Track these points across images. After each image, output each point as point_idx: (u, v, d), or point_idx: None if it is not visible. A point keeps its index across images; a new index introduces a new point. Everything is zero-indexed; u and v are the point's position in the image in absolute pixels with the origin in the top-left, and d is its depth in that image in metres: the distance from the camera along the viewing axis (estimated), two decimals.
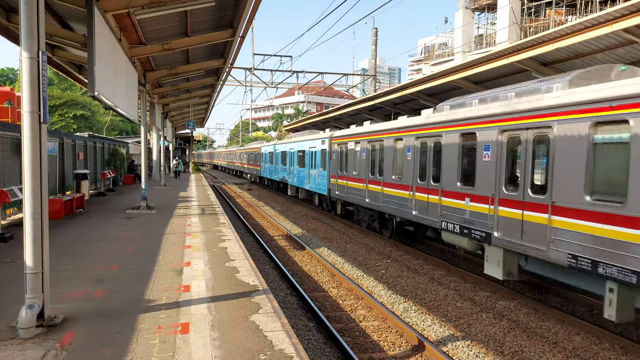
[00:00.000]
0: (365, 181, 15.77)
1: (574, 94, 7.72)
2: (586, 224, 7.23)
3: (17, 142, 11.24)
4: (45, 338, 4.47)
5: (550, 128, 8.07)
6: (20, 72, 4.68)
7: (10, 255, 7.85)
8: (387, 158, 14.26)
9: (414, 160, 12.57)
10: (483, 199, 9.66)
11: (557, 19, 28.89)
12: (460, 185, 10.55)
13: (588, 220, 7.19)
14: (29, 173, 4.57)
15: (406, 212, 13.00)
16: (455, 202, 10.62)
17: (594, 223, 7.10)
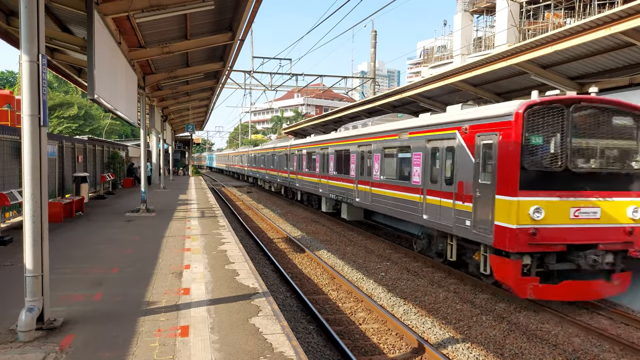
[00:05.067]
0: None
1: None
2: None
3: (17, 146, 11.24)
4: (45, 341, 4.46)
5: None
6: (20, 76, 4.69)
7: (10, 258, 7.84)
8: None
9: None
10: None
11: (556, 21, 28.96)
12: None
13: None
14: (28, 176, 4.57)
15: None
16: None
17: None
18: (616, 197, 8.91)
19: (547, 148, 8.75)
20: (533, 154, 8.62)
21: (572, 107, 8.77)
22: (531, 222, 8.46)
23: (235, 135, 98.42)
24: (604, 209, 8.81)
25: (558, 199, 8.62)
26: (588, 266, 8.57)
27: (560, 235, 8.61)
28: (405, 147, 13.03)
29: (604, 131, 8.96)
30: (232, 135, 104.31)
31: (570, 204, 8.66)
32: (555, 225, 8.59)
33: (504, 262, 8.83)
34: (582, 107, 8.89)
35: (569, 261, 8.78)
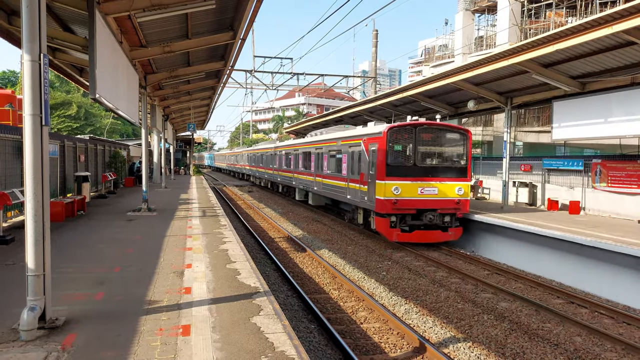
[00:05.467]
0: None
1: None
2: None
3: (18, 145, 11.26)
4: (47, 340, 4.47)
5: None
6: (22, 75, 4.69)
7: (12, 257, 7.85)
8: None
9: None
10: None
11: (558, 20, 28.90)
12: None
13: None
14: (30, 175, 4.57)
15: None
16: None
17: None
18: (448, 181, 14.34)
19: (403, 152, 14.29)
20: (394, 155, 14.19)
21: (418, 129, 14.34)
22: (393, 195, 13.90)
23: (237, 134, 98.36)
24: (440, 188, 14.24)
25: (410, 182, 14.05)
26: (429, 222, 14.08)
27: (412, 203, 14.06)
28: (339, 150, 18.37)
29: (439, 142, 14.62)
30: (233, 134, 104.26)
31: (418, 185, 14.13)
32: (408, 197, 14.01)
33: (381, 220, 14.31)
34: (424, 129, 14.43)
35: (418, 219, 14.22)
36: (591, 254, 10.87)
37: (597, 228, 12.44)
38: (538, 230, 12.25)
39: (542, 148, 19.27)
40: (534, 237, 12.44)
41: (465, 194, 14.47)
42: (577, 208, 15.74)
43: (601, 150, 16.74)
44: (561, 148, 17.96)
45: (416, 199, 14.08)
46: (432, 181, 14.23)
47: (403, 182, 13.99)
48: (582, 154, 16.96)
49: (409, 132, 14.38)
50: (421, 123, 14.54)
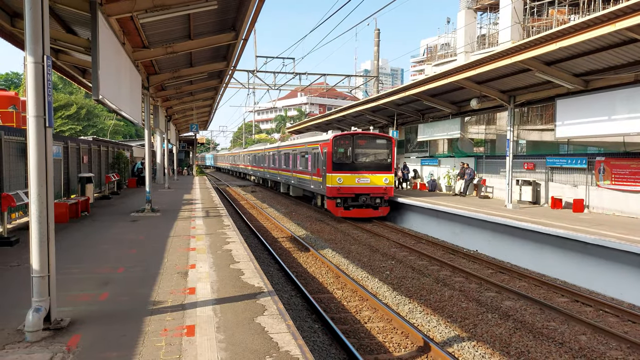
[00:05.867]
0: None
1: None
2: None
3: (22, 147, 11.29)
4: (52, 341, 4.48)
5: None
6: (26, 77, 4.69)
7: (17, 259, 7.88)
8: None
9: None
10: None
11: (560, 18, 28.81)
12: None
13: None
14: (34, 177, 4.58)
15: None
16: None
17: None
18: (377, 174, 19.43)
19: (344, 153, 19.57)
20: (338, 156, 19.40)
21: (355, 136, 19.68)
22: (338, 184, 19.05)
23: (239, 134, 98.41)
24: (371, 179, 19.36)
25: (349, 174, 19.21)
26: (364, 202, 19.33)
27: (351, 190, 19.20)
28: (306, 152, 23.01)
29: (370, 146, 19.87)
30: (235, 134, 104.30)
31: (355, 176, 19.25)
32: (349, 185, 19.15)
33: (330, 202, 19.63)
34: (359, 136, 19.87)
35: (356, 201, 19.40)
36: (596, 252, 10.84)
37: (601, 226, 12.40)
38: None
39: (545, 146, 19.20)
40: (537, 235, 12.41)
41: (390, 182, 19.67)
42: (581, 206, 15.70)
43: (605, 148, 16.66)
44: (564, 146, 17.90)
45: (354, 186, 19.34)
46: (365, 174, 19.45)
47: (345, 174, 19.29)
48: (586, 152, 16.88)
49: (348, 139, 19.71)
50: (357, 132, 20.38)
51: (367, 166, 19.54)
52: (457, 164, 22.86)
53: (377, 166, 19.58)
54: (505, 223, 13.57)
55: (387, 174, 19.60)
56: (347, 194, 19.26)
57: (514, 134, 17.03)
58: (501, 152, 20.07)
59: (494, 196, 20.59)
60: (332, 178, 19.15)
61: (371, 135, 20.53)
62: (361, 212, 19.48)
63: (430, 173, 25.58)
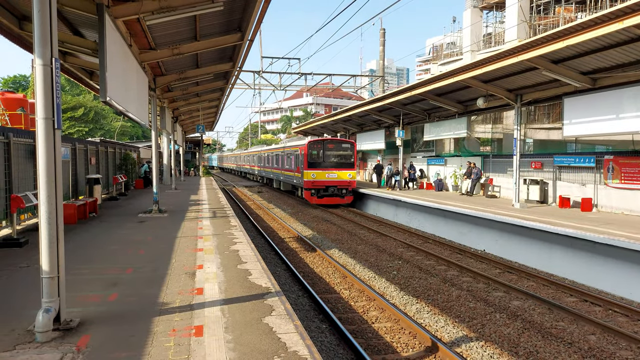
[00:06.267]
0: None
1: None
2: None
3: (31, 149, 11.38)
4: (62, 341, 4.51)
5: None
6: (34, 79, 4.73)
7: (26, 260, 7.94)
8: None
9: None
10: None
11: (567, 16, 28.62)
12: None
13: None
14: (44, 178, 4.61)
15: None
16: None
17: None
18: (342, 170, 24.25)
19: (317, 154, 24.50)
20: (312, 157, 24.36)
21: (325, 142, 25.04)
22: (312, 178, 24.03)
23: (245, 135, 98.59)
24: (338, 174, 24.20)
25: (321, 171, 24.09)
26: (332, 193, 24.28)
27: (322, 183, 24.09)
28: (291, 153, 28.20)
29: (337, 149, 24.76)
30: (241, 135, 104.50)
31: (325, 172, 24.12)
32: (320, 179, 24.03)
33: (306, 192, 24.36)
34: (329, 141, 25.25)
35: (327, 191, 24.26)
36: (604, 252, 10.77)
37: (610, 225, 12.31)
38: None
39: (552, 145, 19.09)
40: (546, 234, 12.35)
41: (353, 177, 24.79)
42: (590, 205, 15.59)
43: (613, 147, 16.53)
44: (572, 145, 17.78)
45: (325, 180, 24.49)
46: (333, 170, 24.56)
47: (317, 171, 24.43)
48: (594, 151, 16.75)
49: (320, 144, 25.14)
50: (327, 139, 26.81)
51: (335, 164, 24.71)
52: (463, 164, 22.77)
53: (343, 164, 24.79)
54: (513, 222, 13.50)
55: (351, 170, 24.70)
56: (319, 186, 24.54)
57: (521, 132, 16.94)
58: (508, 151, 19.97)
59: (501, 195, 20.49)
60: (307, 174, 24.44)
61: (338, 141, 25.95)
62: (330, 200, 24.73)
63: (437, 172, 25.51)
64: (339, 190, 24.62)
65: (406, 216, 20.29)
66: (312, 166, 24.44)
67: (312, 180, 24.31)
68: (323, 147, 24.79)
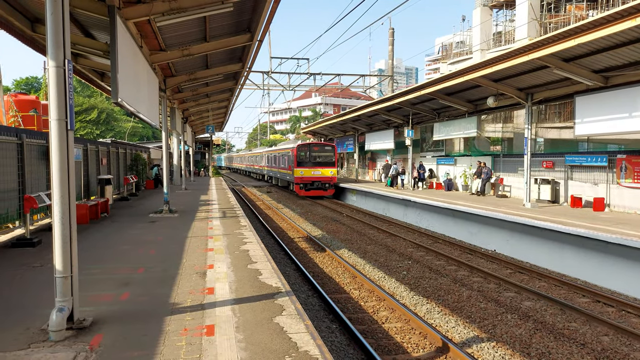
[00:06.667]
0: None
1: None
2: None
3: (43, 149, 11.50)
4: (75, 340, 4.55)
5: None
6: (48, 81, 4.77)
7: (39, 259, 8.03)
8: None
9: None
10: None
11: (578, 14, 28.35)
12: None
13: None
14: (57, 179, 4.66)
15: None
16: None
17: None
18: (325, 168, 29.75)
19: (304, 155, 29.70)
20: (300, 157, 29.57)
21: (310, 145, 30.65)
22: (300, 175, 29.44)
23: (254, 135, 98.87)
24: (321, 171, 29.68)
25: (308, 169, 29.48)
26: (317, 187, 29.67)
27: (309, 178, 29.49)
28: (284, 154, 33.32)
29: (321, 151, 30.07)
30: (251, 135, 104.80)
31: (311, 170, 29.55)
32: (307, 176, 29.44)
33: (296, 186, 29.76)
34: (314, 145, 30.83)
35: (312, 185, 29.68)
36: (617, 252, 10.65)
37: (622, 225, 12.17)
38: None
39: (564, 144, 18.91)
40: (557, 234, 12.24)
41: (334, 173, 29.93)
42: (602, 205, 15.42)
43: (625, 146, 16.33)
44: (584, 144, 17.59)
45: (311, 176, 29.63)
46: (318, 168, 29.77)
47: (305, 169, 29.61)
48: (606, 150, 16.56)
49: (307, 147, 30.33)
50: (313, 142, 31.92)
51: (319, 163, 29.94)
52: (473, 163, 22.64)
53: (326, 163, 29.99)
54: (524, 222, 13.40)
55: (332, 168, 30.07)
56: (306, 181, 29.72)
57: (531, 132, 16.81)
58: (519, 150, 19.83)
59: (511, 195, 20.35)
60: (297, 171, 29.71)
61: (321, 144, 31.21)
62: (315, 192, 29.98)
63: (447, 172, 25.39)
64: (322, 184, 29.94)
65: (416, 216, 20.22)
66: (301, 165, 29.64)
67: (301, 176, 29.62)
68: (309, 150, 30.03)
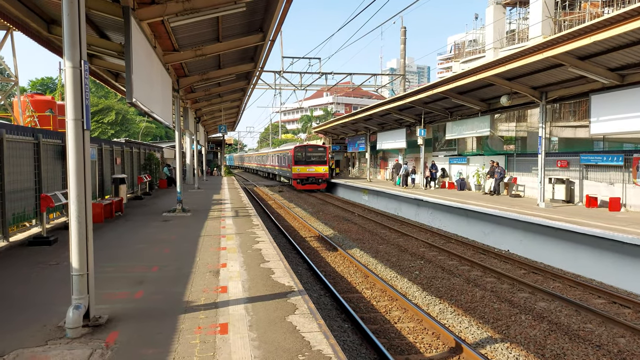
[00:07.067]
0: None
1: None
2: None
3: (59, 149, 11.66)
4: (92, 337, 4.61)
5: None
6: (64, 82, 4.83)
7: (56, 258, 8.14)
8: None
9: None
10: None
11: (593, 11, 27.95)
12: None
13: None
14: (73, 178, 4.72)
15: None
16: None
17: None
18: (318, 166, 35.45)
19: (301, 155, 35.45)
20: (297, 157, 35.32)
21: (305, 147, 36.45)
22: (297, 172, 35.24)
23: (266, 135, 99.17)
24: (315, 168, 35.40)
25: (303, 166, 35.24)
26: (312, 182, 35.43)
27: (305, 174, 35.29)
28: (285, 155, 39.46)
29: (314, 152, 35.83)
30: (262, 135, 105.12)
31: (307, 167, 35.28)
32: (303, 172, 35.25)
33: (294, 181, 35.77)
34: (309, 146, 36.85)
35: (307, 180, 35.48)
36: (633, 252, 10.49)
37: (639, 225, 11.99)
38: (567, 226, 11.93)
39: (578, 143, 18.68)
40: (572, 234, 12.10)
41: (325, 170, 35.25)
42: (618, 205, 15.21)
43: None
44: (599, 143, 17.35)
45: (306, 172, 34.98)
46: (312, 166, 35.10)
47: (301, 166, 34.91)
48: (622, 149, 16.32)
49: (303, 148, 35.69)
50: (308, 144, 37.83)
51: (313, 162, 35.41)
52: (486, 162, 22.47)
53: (318, 162, 35.47)
54: (538, 222, 13.27)
55: (324, 166, 35.46)
56: (302, 176, 35.23)
57: (546, 131, 16.63)
58: (532, 149, 19.63)
59: (525, 195, 20.16)
60: (295, 169, 35.17)
61: (315, 146, 37.37)
62: (310, 186, 35.39)
63: (459, 172, 25.23)
64: (316, 179, 35.39)
65: (428, 216, 20.12)
66: (298, 163, 35.19)
67: (298, 173, 35.14)
68: (305, 150, 35.70)
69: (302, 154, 35.28)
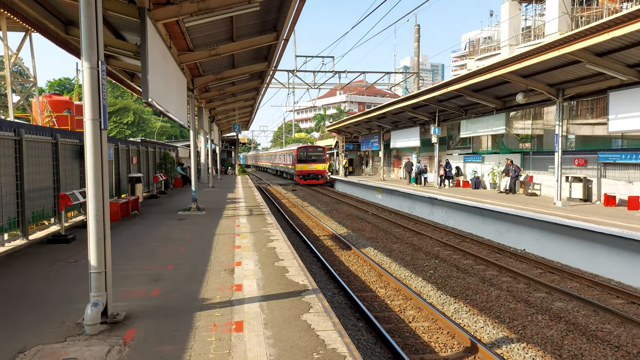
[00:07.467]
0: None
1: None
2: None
3: (77, 149, 11.84)
4: (109, 334, 4.68)
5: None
6: (82, 82, 4.90)
7: (74, 255, 8.27)
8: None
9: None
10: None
11: (612, 7, 27.47)
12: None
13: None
14: (91, 177, 4.79)
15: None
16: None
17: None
18: (318, 164, 41.91)
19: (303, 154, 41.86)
20: (300, 156, 41.72)
21: (307, 147, 42.95)
22: (300, 169, 41.74)
23: (279, 134, 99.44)
24: (315, 166, 41.91)
25: (305, 164, 41.68)
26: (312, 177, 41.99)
27: (307, 171, 41.87)
28: (289, 154, 46.80)
29: (315, 152, 42.27)
30: (276, 134, 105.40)
31: (308, 165, 41.80)
32: (305, 169, 41.79)
33: (297, 177, 42.12)
34: (310, 147, 43.40)
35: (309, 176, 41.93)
36: None
37: None
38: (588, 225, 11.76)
39: (596, 141, 18.39)
40: (590, 234, 11.92)
41: (324, 167, 41.57)
42: (637, 203, 14.95)
43: None
44: (617, 141, 17.06)
45: (308, 169, 41.22)
46: (313, 164, 41.28)
47: (303, 164, 41.09)
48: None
49: (305, 148, 41.88)
50: (309, 145, 44.13)
51: (313, 160, 41.34)
52: (501, 161, 22.24)
53: (318, 160, 41.45)
54: (555, 221, 13.10)
55: (323, 164, 41.38)
56: (304, 173, 41.19)
57: (562, 128, 16.40)
58: (549, 147, 19.39)
59: (541, 193, 19.92)
60: (298, 166, 41.11)
61: (315, 146, 43.19)
62: (311, 181, 41.22)
63: (474, 170, 25.02)
64: (316, 175, 41.55)
65: (442, 214, 20.00)
66: (300, 162, 41.22)
67: (300, 170, 41.20)
68: (306, 151, 41.60)
69: (304, 154, 41.61)
